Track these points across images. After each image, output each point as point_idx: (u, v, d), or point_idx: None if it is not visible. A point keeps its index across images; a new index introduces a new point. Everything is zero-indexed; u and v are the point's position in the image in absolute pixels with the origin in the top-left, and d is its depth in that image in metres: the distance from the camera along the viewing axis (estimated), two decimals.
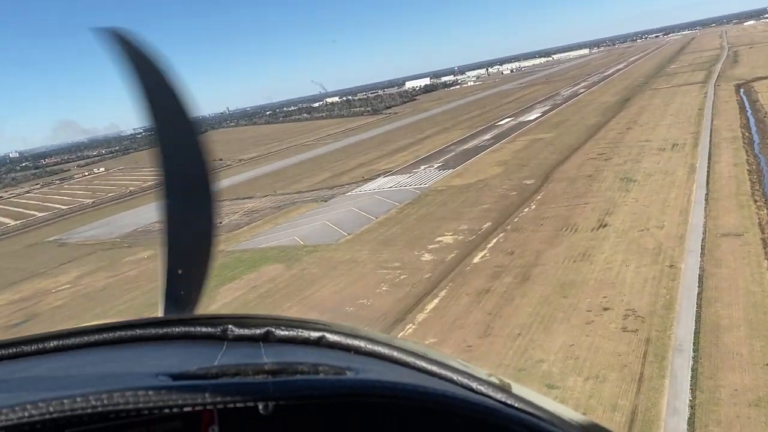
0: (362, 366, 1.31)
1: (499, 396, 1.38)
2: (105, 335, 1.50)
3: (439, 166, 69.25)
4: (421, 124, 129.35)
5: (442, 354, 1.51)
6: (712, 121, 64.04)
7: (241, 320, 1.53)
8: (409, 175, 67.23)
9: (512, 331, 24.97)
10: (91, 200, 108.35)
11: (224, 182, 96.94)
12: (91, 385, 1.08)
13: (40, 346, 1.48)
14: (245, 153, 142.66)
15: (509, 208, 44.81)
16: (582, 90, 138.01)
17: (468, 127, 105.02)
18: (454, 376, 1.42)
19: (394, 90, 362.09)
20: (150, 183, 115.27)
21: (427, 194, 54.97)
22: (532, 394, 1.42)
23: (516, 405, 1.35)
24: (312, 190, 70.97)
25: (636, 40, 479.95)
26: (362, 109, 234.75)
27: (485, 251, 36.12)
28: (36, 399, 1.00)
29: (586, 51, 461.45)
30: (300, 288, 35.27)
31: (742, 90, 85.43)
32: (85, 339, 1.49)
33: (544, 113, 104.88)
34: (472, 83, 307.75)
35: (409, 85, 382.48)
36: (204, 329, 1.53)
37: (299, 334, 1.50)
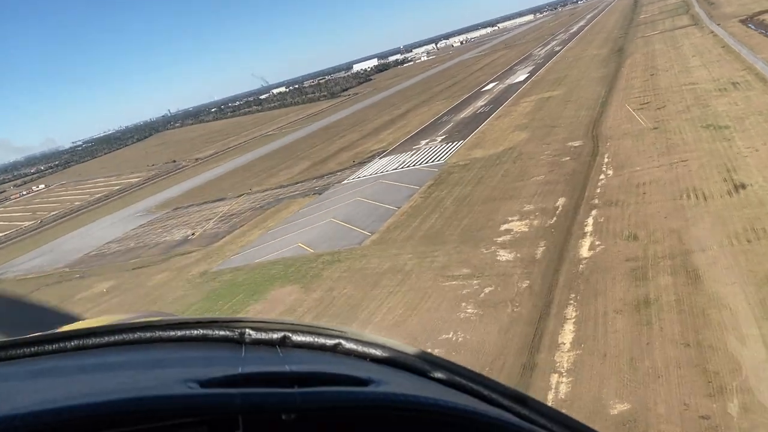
0: (382, 377, 1.30)
1: (515, 407, 1.37)
2: (124, 336, 1.49)
3: (443, 139, 58.72)
4: (392, 100, 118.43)
5: (459, 364, 1.49)
6: (755, 54, 55.10)
7: (257, 324, 1.53)
8: (411, 152, 56.49)
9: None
10: (32, 221, 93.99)
11: (183, 186, 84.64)
12: (123, 389, 1.12)
13: (60, 345, 1.47)
14: (200, 151, 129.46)
15: (576, 177, 34.65)
16: (558, 47, 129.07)
17: (450, 97, 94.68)
18: (475, 388, 1.42)
19: (341, 74, 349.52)
20: (99, 195, 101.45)
21: (450, 172, 44.38)
22: (550, 408, 1.41)
23: (534, 418, 1.34)
24: (295, 183, 59.57)
25: (577, 1, 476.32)
26: (317, 94, 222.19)
27: (589, 238, 25.85)
28: (77, 402, 1.03)
29: (531, 17, 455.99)
30: (339, 322, 24.39)
31: (752, 24, 77.25)
32: (105, 339, 1.48)
33: (531, 73, 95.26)
34: (425, 58, 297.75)
35: (357, 68, 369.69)
36: (222, 332, 1.51)
37: (315, 340, 1.50)
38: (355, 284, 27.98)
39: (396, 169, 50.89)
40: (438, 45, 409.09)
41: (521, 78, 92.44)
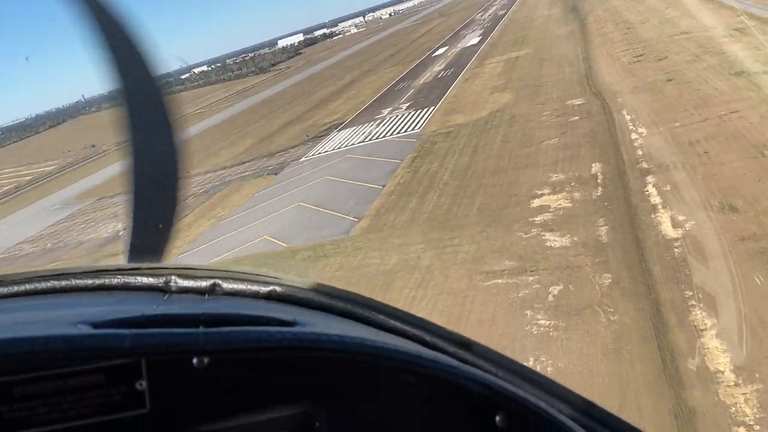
0: (311, 319, 1.23)
1: (458, 353, 1.31)
2: (36, 285, 1.33)
3: (409, 106, 51.95)
4: (332, 71, 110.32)
5: (403, 311, 1.40)
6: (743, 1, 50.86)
7: (185, 271, 1.38)
8: (374, 123, 49.45)
9: None
10: None
11: (106, 172, 74.44)
12: None
13: None
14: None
15: (600, 138, 28.81)
16: (501, 12, 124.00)
17: (399, 64, 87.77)
18: (411, 331, 1.34)
19: (265, 51, 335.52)
20: (7, 187, 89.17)
21: (434, 141, 37.80)
22: (494, 353, 1.34)
23: (479, 363, 1.27)
24: (242, 163, 51.55)
25: None
26: (244, 70, 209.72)
27: (665, 211, 19.88)
28: None
29: None
30: None
31: None
32: (14, 289, 1.32)
33: (483, 36, 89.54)
34: (354, 31, 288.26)
35: (282, 43, 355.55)
36: (145, 280, 1.37)
37: (248, 287, 1.37)
38: (357, 290, 21.06)
39: (363, 142, 43.85)
40: (366, 18, 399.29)
41: (474, 41, 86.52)
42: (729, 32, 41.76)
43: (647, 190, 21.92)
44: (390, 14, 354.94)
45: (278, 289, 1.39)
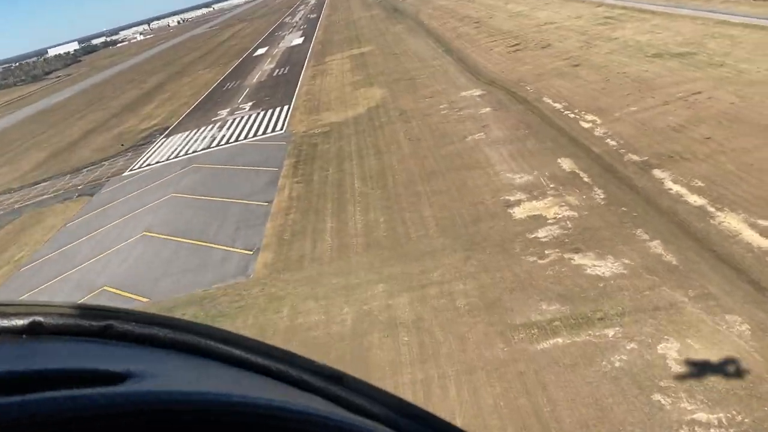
0: (155, 367, 0.95)
1: (333, 390, 1.09)
2: None
3: (252, 106, 43.17)
4: (129, 76, 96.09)
5: (270, 344, 1.13)
6: None
7: None
8: (215, 126, 39.88)
9: None
10: None
11: None
12: None
13: None
14: None
15: (542, 131, 23.48)
16: (312, 15, 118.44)
17: (214, 65, 77.53)
18: (283, 370, 1.09)
19: (34, 60, 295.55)
20: None
21: (312, 143, 29.95)
22: (367, 385, 1.14)
23: (351, 399, 1.09)
24: (35, 184, 38.76)
25: None
26: (11, 80, 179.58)
27: (722, 213, 14.69)
28: None
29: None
30: None
31: None
32: None
33: (306, 36, 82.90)
34: (141, 38, 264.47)
35: (54, 52, 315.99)
36: None
37: (78, 323, 1.06)
38: None
39: (210, 148, 34.45)
40: (151, 26, 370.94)
41: (297, 41, 79.42)
42: (601, 21, 39.80)
43: (666, 187, 16.73)
44: (179, 21, 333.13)
45: (117, 324, 1.07)
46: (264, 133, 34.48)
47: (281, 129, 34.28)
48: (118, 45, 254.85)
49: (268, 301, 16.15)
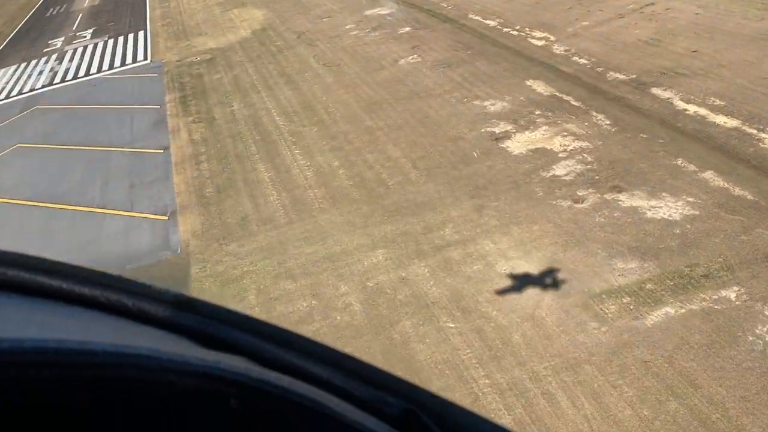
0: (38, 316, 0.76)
1: (176, 319, 0.81)
2: None
3: (94, 33, 35.21)
4: None
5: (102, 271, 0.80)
6: None
7: None
8: (51, 58, 31.71)
9: None
10: None
11: None
12: None
13: None
14: None
15: (490, 49, 20.34)
16: None
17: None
18: (107, 297, 0.79)
19: None
20: None
21: (195, 73, 24.19)
22: (212, 306, 0.85)
23: (198, 329, 0.82)
24: None
25: None
26: None
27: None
28: None
29: None
30: None
31: None
32: None
33: None
34: None
35: None
36: None
37: None
38: None
39: (53, 84, 27.12)
40: None
41: None
42: None
43: (683, 107, 14.44)
44: None
45: (10, 272, 0.80)
46: (123, 64, 27.83)
47: (144, 59, 27.87)
48: None
49: (221, 286, 11.69)
